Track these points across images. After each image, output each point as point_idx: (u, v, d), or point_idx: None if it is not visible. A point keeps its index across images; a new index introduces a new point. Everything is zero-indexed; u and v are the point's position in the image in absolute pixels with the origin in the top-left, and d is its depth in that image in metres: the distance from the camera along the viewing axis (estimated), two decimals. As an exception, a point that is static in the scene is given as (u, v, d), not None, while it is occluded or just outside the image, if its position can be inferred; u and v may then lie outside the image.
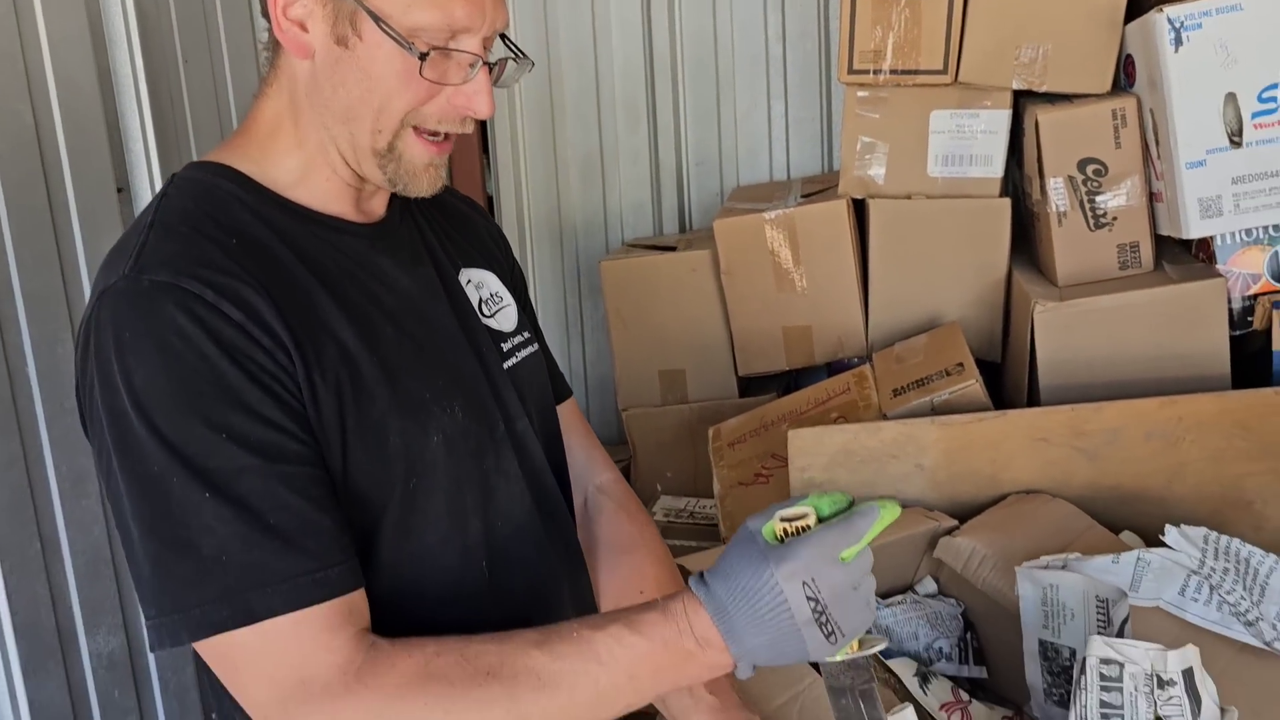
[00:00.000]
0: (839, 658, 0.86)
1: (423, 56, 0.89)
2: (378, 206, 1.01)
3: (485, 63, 0.92)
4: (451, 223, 1.12)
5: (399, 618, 0.89)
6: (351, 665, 0.82)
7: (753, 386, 2.36)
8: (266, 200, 0.93)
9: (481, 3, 0.90)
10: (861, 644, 0.87)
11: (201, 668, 0.99)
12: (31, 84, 1.45)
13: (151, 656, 1.63)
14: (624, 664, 0.82)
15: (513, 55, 0.99)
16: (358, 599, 0.85)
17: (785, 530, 0.83)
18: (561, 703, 0.82)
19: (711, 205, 2.71)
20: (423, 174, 0.95)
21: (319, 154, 0.94)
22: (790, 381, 2.34)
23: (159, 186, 1.10)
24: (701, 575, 0.84)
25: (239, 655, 0.82)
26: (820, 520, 0.83)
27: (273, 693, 0.82)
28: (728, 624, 0.81)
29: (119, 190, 1.57)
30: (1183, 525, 1.38)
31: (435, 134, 0.94)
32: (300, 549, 0.82)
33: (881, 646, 0.88)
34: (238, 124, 1.00)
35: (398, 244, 1.01)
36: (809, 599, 0.80)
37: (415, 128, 0.93)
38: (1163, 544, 1.38)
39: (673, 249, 2.41)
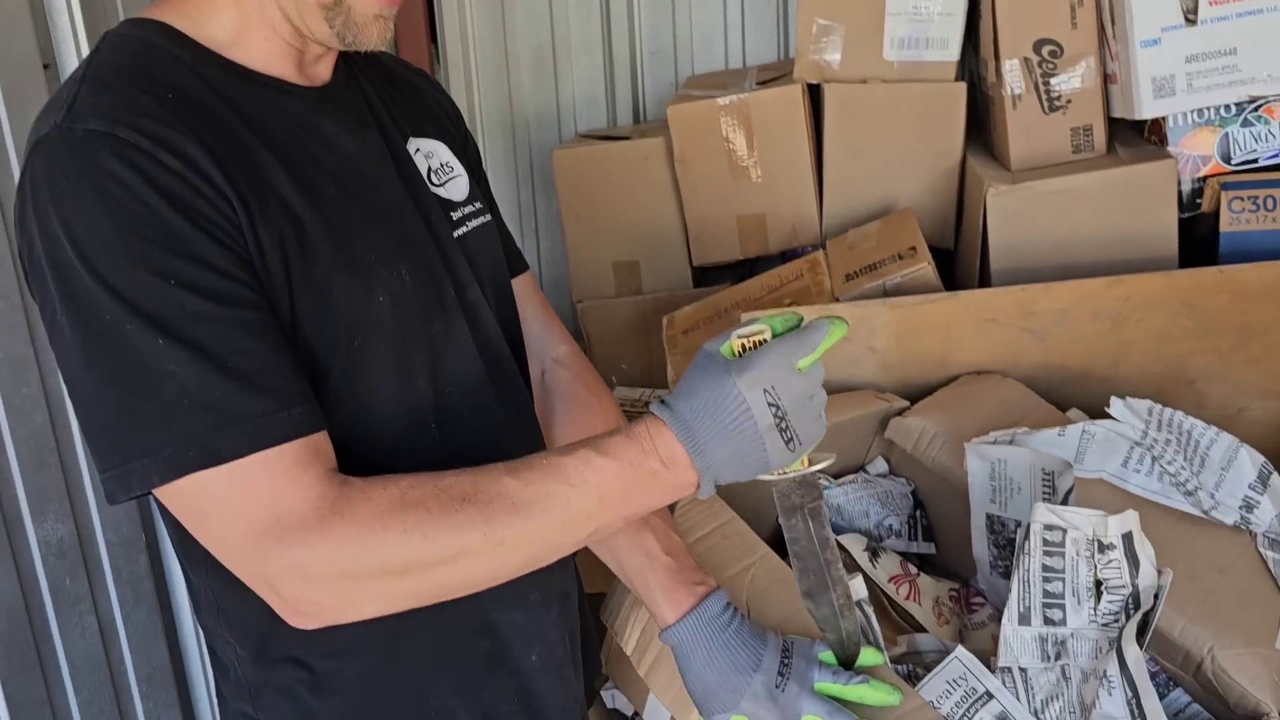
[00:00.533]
0: (790, 474, 0.90)
1: None
2: (322, 71, 0.98)
3: None
4: (400, 91, 1.09)
5: (352, 474, 0.88)
6: (325, 500, 0.81)
7: (707, 277, 2.35)
8: (204, 58, 0.90)
9: None
10: (810, 462, 0.90)
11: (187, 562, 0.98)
12: (-55, -45, 1.38)
13: (103, 545, 1.62)
14: (593, 485, 0.84)
15: None
16: (323, 440, 0.85)
17: (743, 346, 0.85)
18: (535, 524, 0.83)
19: (666, 96, 2.66)
20: (372, 24, 0.92)
21: (256, 12, 0.91)
22: (745, 271, 2.33)
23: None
24: (662, 399, 0.86)
25: (208, 499, 0.81)
26: (775, 336, 0.86)
27: (247, 533, 0.81)
28: (692, 439, 0.83)
29: (45, 66, 1.51)
30: (1128, 398, 1.40)
31: None
32: (262, 390, 0.81)
33: (830, 461, 0.91)
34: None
35: (342, 107, 0.98)
36: (770, 405, 0.83)
37: None
38: (1108, 415, 1.41)
39: (626, 139, 2.37)
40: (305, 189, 0.89)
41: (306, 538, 0.80)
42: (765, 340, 0.85)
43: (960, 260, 2.09)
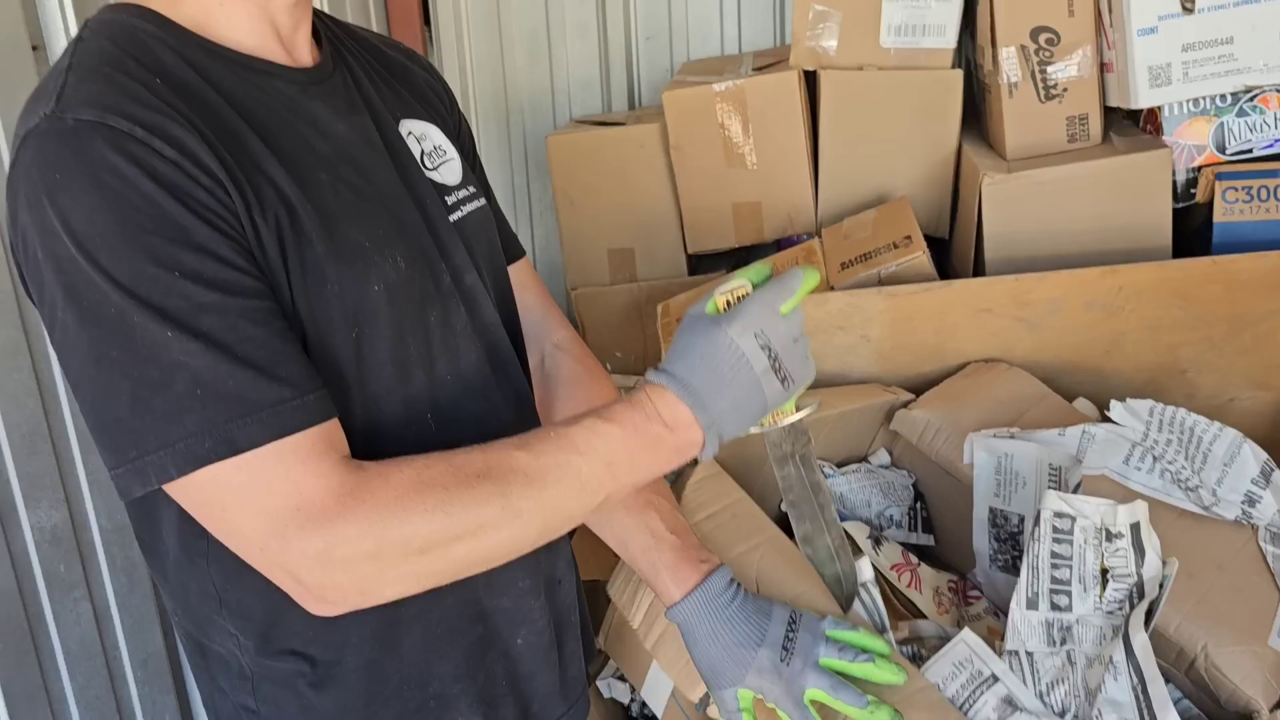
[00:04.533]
0: (780, 422, 0.95)
1: None
2: (301, 44, 0.97)
3: None
4: (391, 72, 1.08)
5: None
6: (345, 486, 0.81)
7: (703, 264, 2.35)
8: (188, 42, 0.89)
9: None
10: (797, 408, 0.96)
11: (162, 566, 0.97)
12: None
13: (97, 531, 1.61)
14: (601, 452, 0.86)
15: None
16: (335, 428, 0.85)
17: (727, 302, 0.91)
18: (550, 494, 0.85)
19: (661, 81, 2.66)
20: None
21: None
22: (740, 259, 2.33)
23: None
24: (654, 367, 0.90)
25: (226, 491, 0.81)
26: (754, 289, 0.91)
27: (268, 524, 0.81)
28: (692, 395, 0.87)
29: (34, 48, 1.48)
30: (1129, 399, 1.40)
31: None
32: (274, 378, 0.81)
33: (815, 406, 0.97)
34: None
35: (331, 91, 0.97)
36: (763, 348, 0.88)
37: None
38: (1108, 418, 1.41)
39: (621, 125, 2.36)
40: (297, 175, 0.88)
41: (328, 525, 0.80)
42: (747, 294, 0.90)
43: (955, 249, 2.09)
